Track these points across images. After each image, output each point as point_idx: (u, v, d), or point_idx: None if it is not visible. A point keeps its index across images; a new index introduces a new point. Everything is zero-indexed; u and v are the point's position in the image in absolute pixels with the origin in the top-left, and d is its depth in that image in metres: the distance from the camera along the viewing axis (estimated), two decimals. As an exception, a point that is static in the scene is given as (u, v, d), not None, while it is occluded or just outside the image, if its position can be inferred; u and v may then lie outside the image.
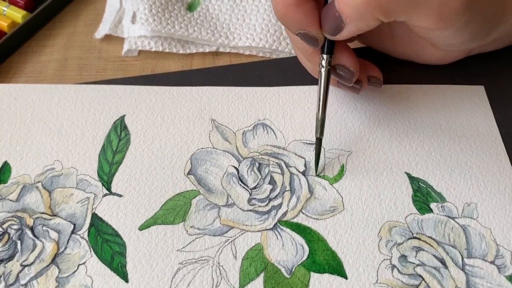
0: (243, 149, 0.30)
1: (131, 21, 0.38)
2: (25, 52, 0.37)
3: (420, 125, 0.31)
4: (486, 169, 0.29)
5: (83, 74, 0.36)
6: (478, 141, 0.31)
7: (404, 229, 0.27)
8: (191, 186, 0.29)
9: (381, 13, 0.24)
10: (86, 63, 0.37)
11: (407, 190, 0.29)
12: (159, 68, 0.36)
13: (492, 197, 0.28)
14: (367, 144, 0.31)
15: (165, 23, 0.37)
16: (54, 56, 0.37)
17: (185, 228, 0.27)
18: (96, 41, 0.38)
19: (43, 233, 0.27)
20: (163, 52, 0.37)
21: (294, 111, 0.32)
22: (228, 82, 0.34)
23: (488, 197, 0.28)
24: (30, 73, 0.36)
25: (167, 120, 0.32)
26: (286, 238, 0.27)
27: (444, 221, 0.27)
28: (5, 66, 0.36)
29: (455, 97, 0.33)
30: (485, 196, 0.28)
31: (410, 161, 0.30)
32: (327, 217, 0.28)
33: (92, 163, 0.30)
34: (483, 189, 0.28)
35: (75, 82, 0.35)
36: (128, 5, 0.38)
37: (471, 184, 0.29)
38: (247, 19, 0.38)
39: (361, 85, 0.30)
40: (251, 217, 0.28)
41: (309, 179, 0.29)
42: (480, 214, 0.28)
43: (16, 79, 0.35)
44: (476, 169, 0.29)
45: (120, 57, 0.37)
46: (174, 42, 0.37)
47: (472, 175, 0.29)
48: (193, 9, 0.39)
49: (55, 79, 0.35)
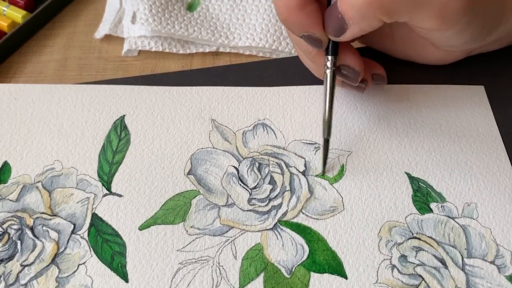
0: (243, 149, 0.30)
1: (131, 21, 0.38)
2: (25, 52, 0.37)
3: (420, 125, 0.31)
4: (486, 169, 0.29)
5: (83, 74, 0.36)
6: (478, 141, 0.31)
7: (404, 229, 0.27)
8: (191, 186, 0.29)
9: (384, 13, 0.24)
10: (86, 63, 0.37)
11: (407, 190, 0.29)
12: (159, 68, 0.36)
13: (492, 197, 0.28)
14: (367, 144, 0.31)
15: (165, 23, 0.37)
16: (54, 56, 0.37)
17: (185, 228, 0.27)
18: (96, 41, 0.38)
19: (43, 233, 0.27)
20: (163, 52, 0.37)
21: (294, 111, 0.32)
22: (228, 82, 0.34)
23: (488, 197, 0.28)
24: (30, 73, 0.36)
25: (167, 120, 0.32)
26: (286, 238, 0.27)
27: (444, 221, 0.27)
28: (5, 66, 0.36)
29: (455, 97, 0.33)
30: (485, 196, 0.28)
31: (410, 161, 0.30)
32: (327, 217, 0.28)
33: (92, 163, 0.30)
34: (483, 189, 0.28)
35: (75, 82, 0.35)
36: (128, 5, 0.38)
37: (471, 184, 0.29)
38: (247, 19, 0.38)
39: (366, 84, 0.30)
40: (251, 217, 0.28)
41: (309, 179, 0.29)
42: (480, 214, 0.28)
43: (16, 79, 0.35)
44: (476, 169, 0.29)
45: (120, 57, 0.37)
46: (174, 42, 0.37)
47: (472, 175, 0.29)
48: (193, 9, 0.39)
49: (55, 79, 0.35)
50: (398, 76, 0.34)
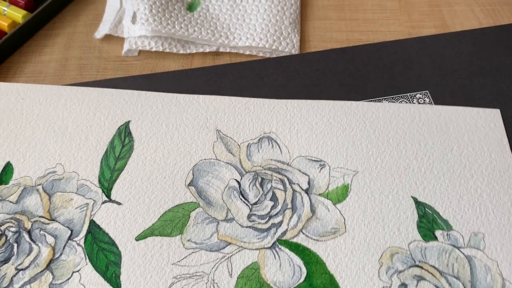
0: (246, 163, 0.30)
1: (131, 21, 0.38)
2: (25, 52, 0.37)
3: (430, 148, 0.30)
4: (496, 198, 0.28)
5: (83, 74, 0.36)
6: (490, 168, 0.30)
7: (407, 256, 0.26)
8: (191, 198, 0.28)
9: None
10: (86, 63, 0.37)
11: (413, 215, 0.28)
12: (159, 68, 0.36)
13: (501, 228, 0.27)
14: (374, 164, 0.30)
15: (165, 23, 0.37)
16: (54, 56, 0.37)
17: (182, 241, 0.27)
18: (96, 41, 0.38)
19: (40, 237, 0.27)
20: (163, 52, 0.37)
21: (302, 125, 0.32)
22: (228, 81, 0.34)
23: (497, 227, 0.27)
24: (30, 73, 0.36)
25: (171, 128, 0.31)
26: (284, 259, 0.26)
27: (449, 250, 0.26)
28: (5, 66, 0.36)
29: (469, 119, 0.32)
30: (493, 227, 0.27)
31: (418, 185, 0.29)
32: (327, 239, 0.27)
33: (94, 168, 0.30)
34: (492, 219, 0.27)
35: (75, 82, 0.35)
36: (128, 5, 0.38)
37: (479, 212, 0.28)
38: (247, 19, 0.38)
39: None
40: (249, 234, 0.27)
41: (312, 197, 0.28)
42: (487, 245, 0.27)
43: (16, 79, 0.35)
44: (486, 197, 0.28)
45: (120, 57, 0.37)
46: (174, 42, 0.37)
47: (482, 203, 0.28)
48: (193, 9, 0.39)
49: (55, 79, 0.35)
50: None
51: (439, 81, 0.34)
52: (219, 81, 0.34)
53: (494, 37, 0.37)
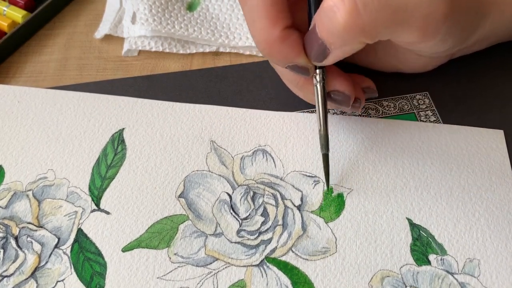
0: (239, 176, 0.29)
1: (131, 21, 0.38)
2: (25, 52, 0.37)
3: (428, 167, 0.30)
4: (494, 223, 0.27)
5: (83, 74, 0.36)
6: (490, 191, 0.29)
7: (398, 280, 0.25)
8: (180, 210, 0.28)
9: (366, 36, 0.24)
10: (86, 63, 0.36)
11: (406, 238, 0.27)
12: (159, 68, 0.36)
13: (498, 255, 0.26)
14: (370, 182, 0.29)
15: (165, 23, 0.37)
16: (54, 56, 0.37)
17: (169, 255, 0.26)
18: (96, 41, 0.38)
19: (26, 244, 0.27)
20: (163, 52, 0.37)
21: (298, 139, 0.31)
22: (228, 82, 0.34)
23: (493, 254, 0.26)
24: (30, 73, 0.36)
25: (165, 137, 0.31)
26: (272, 277, 0.26)
27: (442, 276, 0.26)
28: (5, 66, 0.36)
29: (471, 139, 0.31)
30: (489, 253, 0.26)
31: (414, 206, 0.28)
32: (317, 259, 0.26)
33: (85, 175, 0.29)
34: (488, 245, 0.27)
35: (75, 82, 0.35)
36: (128, 5, 0.38)
37: (476, 238, 0.27)
38: None
39: (360, 102, 0.30)
40: (237, 250, 0.26)
41: (303, 214, 0.28)
42: (482, 272, 0.26)
43: (16, 79, 0.35)
44: (483, 222, 0.27)
45: (120, 57, 0.37)
46: (174, 42, 0.37)
47: (479, 228, 0.27)
48: (193, 9, 0.38)
49: (55, 79, 0.35)
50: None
51: (439, 82, 0.34)
52: (219, 82, 0.34)
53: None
